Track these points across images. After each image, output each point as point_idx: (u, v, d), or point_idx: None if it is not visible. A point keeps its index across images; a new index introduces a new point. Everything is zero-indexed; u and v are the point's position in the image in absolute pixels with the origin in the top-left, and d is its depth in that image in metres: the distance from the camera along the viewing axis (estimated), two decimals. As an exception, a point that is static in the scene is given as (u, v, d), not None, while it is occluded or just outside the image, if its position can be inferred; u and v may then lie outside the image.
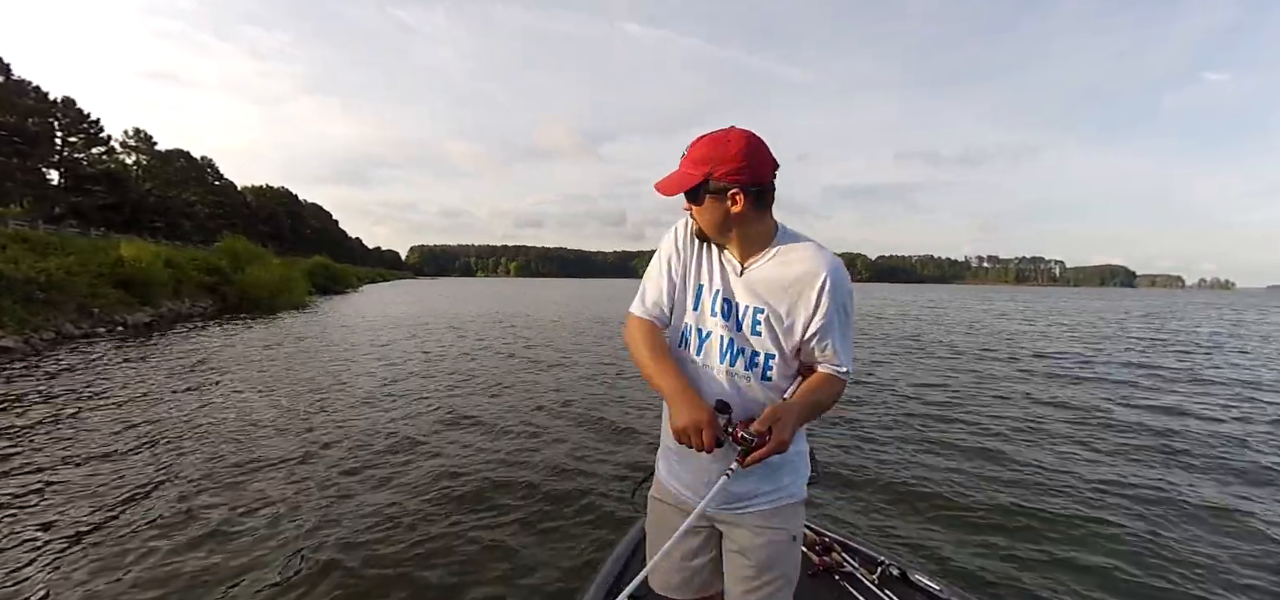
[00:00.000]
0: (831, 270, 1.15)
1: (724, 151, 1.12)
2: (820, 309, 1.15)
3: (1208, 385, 8.29)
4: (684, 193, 1.18)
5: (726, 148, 1.12)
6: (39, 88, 36.03)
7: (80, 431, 5.03)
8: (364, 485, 3.97)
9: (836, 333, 1.17)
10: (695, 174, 1.15)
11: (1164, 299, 68.95)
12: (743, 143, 1.12)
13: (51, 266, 13.24)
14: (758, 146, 1.13)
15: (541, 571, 2.91)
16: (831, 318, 1.16)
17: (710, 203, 1.16)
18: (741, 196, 1.12)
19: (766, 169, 1.15)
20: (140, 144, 49.76)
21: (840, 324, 1.17)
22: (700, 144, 1.15)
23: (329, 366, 8.89)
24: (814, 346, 1.19)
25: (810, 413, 1.19)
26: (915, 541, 3.26)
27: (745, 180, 1.12)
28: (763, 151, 1.14)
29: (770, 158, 1.15)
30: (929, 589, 1.79)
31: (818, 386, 1.20)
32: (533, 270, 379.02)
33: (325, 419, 5.66)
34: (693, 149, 1.17)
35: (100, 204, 34.69)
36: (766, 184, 1.15)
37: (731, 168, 1.11)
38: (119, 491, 3.75)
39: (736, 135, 1.13)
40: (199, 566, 2.89)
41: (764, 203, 1.17)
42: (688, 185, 1.16)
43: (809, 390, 1.20)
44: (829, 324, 1.16)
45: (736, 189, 1.12)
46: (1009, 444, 5.14)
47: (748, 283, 1.21)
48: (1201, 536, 3.39)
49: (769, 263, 1.19)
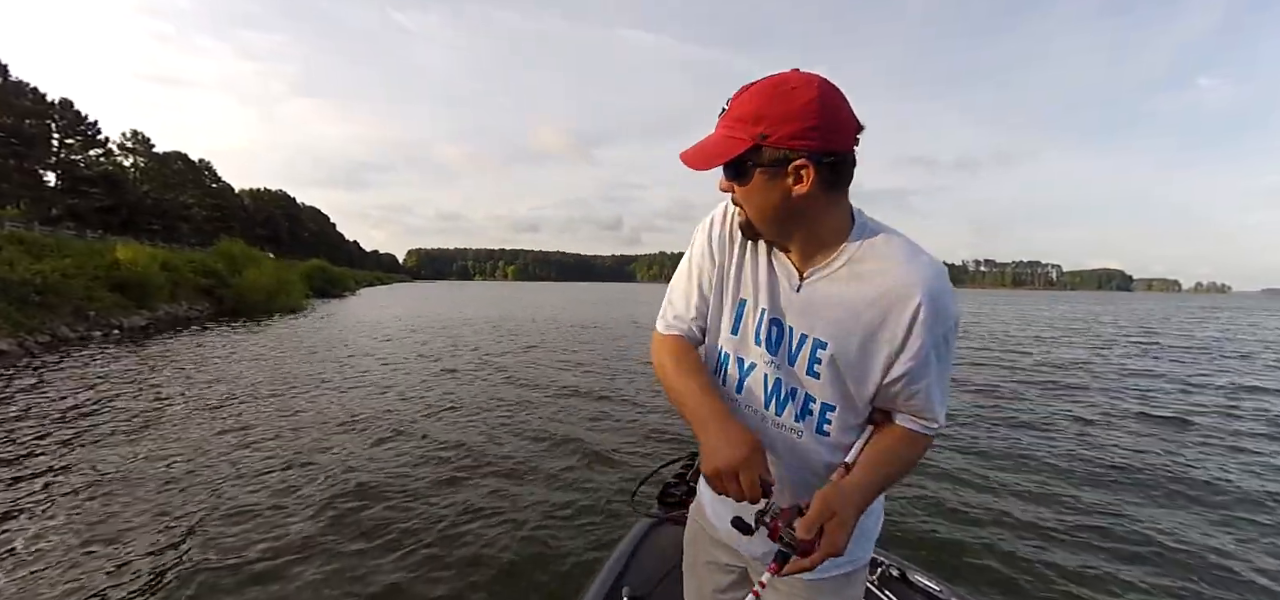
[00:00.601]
0: (930, 287, 0.80)
1: (786, 105, 0.76)
2: (911, 344, 0.81)
3: (1218, 391, 8.30)
4: (723, 167, 0.83)
5: (789, 99, 0.76)
6: (36, 89, 35.92)
7: (72, 436, 4.98)
8: (364, 486, 3.93)
9: (933, 375, 0.84)
10: (741, 138, 0.79)
11: (1176, 302, 69.01)
12: (813, 91, 0.76)
13: (47, 269, 13.17)
14: (834, 97, 0.78)
15: (542, 572, 2.91)
16: (927, 356, 0.82)
17: (762, 181, 0.81)
18: (811, 170, 0.77)
19: (847, 131, 0.79)
20: (138, 146, 49.60)
21: (937, 363, 0.84)
22: (748, 95, 0.80)
23: (326, 370, 8.83)
24: (896, 393, 0.86)
25: (879, 490, 0.88)
26: (915, 542, 3.25)
27: (816, 145, 0.76)
28: (842, 105, 0.78)
29: (852, 115, 0.79)
30: (929, 589, 1.75)
31: (894, 451, 0.89)
32: (530, 274, 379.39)
33: (322, 421, 5.61)
34: (737, 102, 0.81)
35: (97, 206, 34.59)
36: (845, 154, 0.80)
37: (797, 128, 0.76)
38: (109, 497, 3.70)
39: (802, 80, 0.78)
40: (186, 571, 2.84)
41: (841, 182, 0.82)
42: (731, 155, 0.80)
43: (881, 457, 0.88)
44: (923, 364, 0.83)
45: (803, 158, 0.77)
46: (1010, 444, 5.10)
47: (807, 301, 0.88)
48: (1204, 537, 3.36)
49: (838, 272, 0.85)
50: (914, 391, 0.85)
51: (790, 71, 0.80)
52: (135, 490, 3.81)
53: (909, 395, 0.86)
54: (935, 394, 0.86)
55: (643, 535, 1.91)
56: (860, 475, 0.86)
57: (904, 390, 0.85)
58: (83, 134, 39.16)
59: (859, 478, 0.85)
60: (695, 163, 0.83)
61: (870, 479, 0.86)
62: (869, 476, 0.86)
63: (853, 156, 0.81)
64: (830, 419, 0.90)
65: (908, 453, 0.89)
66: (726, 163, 0.82)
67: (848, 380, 0.87)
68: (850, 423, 0.91)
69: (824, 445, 0.92)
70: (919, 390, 0.85)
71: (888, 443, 0.89)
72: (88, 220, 31.62)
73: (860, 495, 0.83)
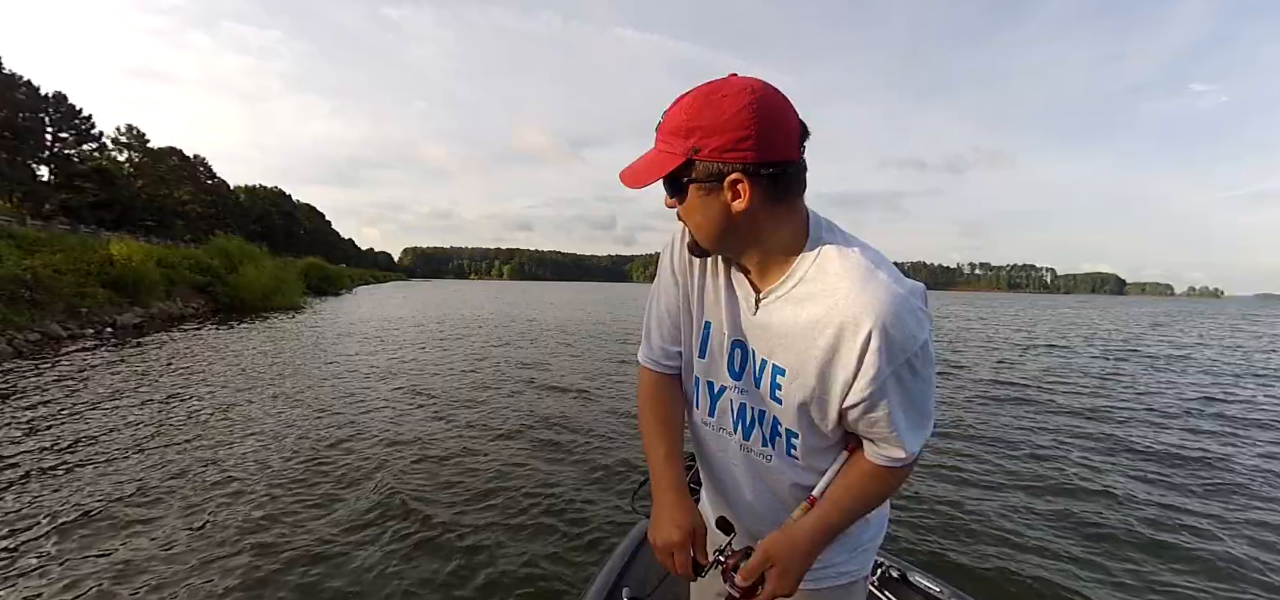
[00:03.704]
0: (883, 314, 0.71)
1: (717, 114, 0.72)
2: (864, 373, 0.73)
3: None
4: (664, 184, 0.79)
5: (720, 108, 0.72)
6: (30, 82, 35.46)
7: (60, 439, 4.75)
8: (364, 488, 3.89)
9: (896, 404, 0.75)
10: (673, 153, 0.75)
11: (1169, 306, 69.46)
12: (746, 97, 0.71)
13: (38, 265, 12.86)
14: (769, 101, 0.72)
15: (541, 573, 2.91)
16: (883, 385, 0.73)
17: (698, 198, 0.76)
18: (747, 184, 0.72)
19: (787, 140, 0.73)
20: (132, 141, 49.09)
21: (900, 392, 0.75)
22: (680, 105, 0.75)
23: (327, 370, 8.61)
24: (857, 421, 0.79)
25: (839, 530, 0.83)
26: (915, 542, 3.23)
27: (751, 157, 0.71)
28: (780, 110, 0.72)
29: (792, 119, 0.74)
30: (929, 590, 1.75)
31: (860, 488, 0.83)
32: (526, 273, 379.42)
33: (321, 421, 5.41)
34: (670, 113, 0.76)
35: (91, 201, 34.18)
36: (788, 162, 0.73)
37: (729, 139, 0.71)
38: (98, 502, 3.49)
39: (737, 86, 0.72)
40: (180, 576, 2.73)
41: (786, 193, 0.75)
42: (663, 172, 0.76)
43: (845, 495, 0.83)
44: (880, 393, 0.74)
45: (738, 172, 0.72)
46: (1011, 444, 5.07)
47: (764, 323, 0.81)
48: (1206, 538, 3.34)
49: (793, 292, 0.78)
50: (875, 420, 0.77)
51: (727, 77, 0.75)
52: (123, 495, 3.59)
53: (871, 424, 0.78)
54: (902, 423, 0.77)
55: (642, 537, 1.91)
56: (816, 516, 0.83)
57: (864, 418, 0.78)
58: (77, 128, 38.70)
59: (814, 520, 0.83)
60: (630, 181, 0.79)
61: (829, 519, 0.83)
62: (828, 517, 0.83)
63: (797, 166, 0.75)
64: (795, 445, 0.85)
65: (873, 489, 0.83)
66: (664, 180, 0.78)
67: (810, 407, 0.81)
68: (818, 447, 0.86)
69: (794, 470, 0.88)
70: (880, 419, 0.77)
71: (853, 477, 0.84)
72: (81, 216, 31.20)
73: (809, 541, 0.81)
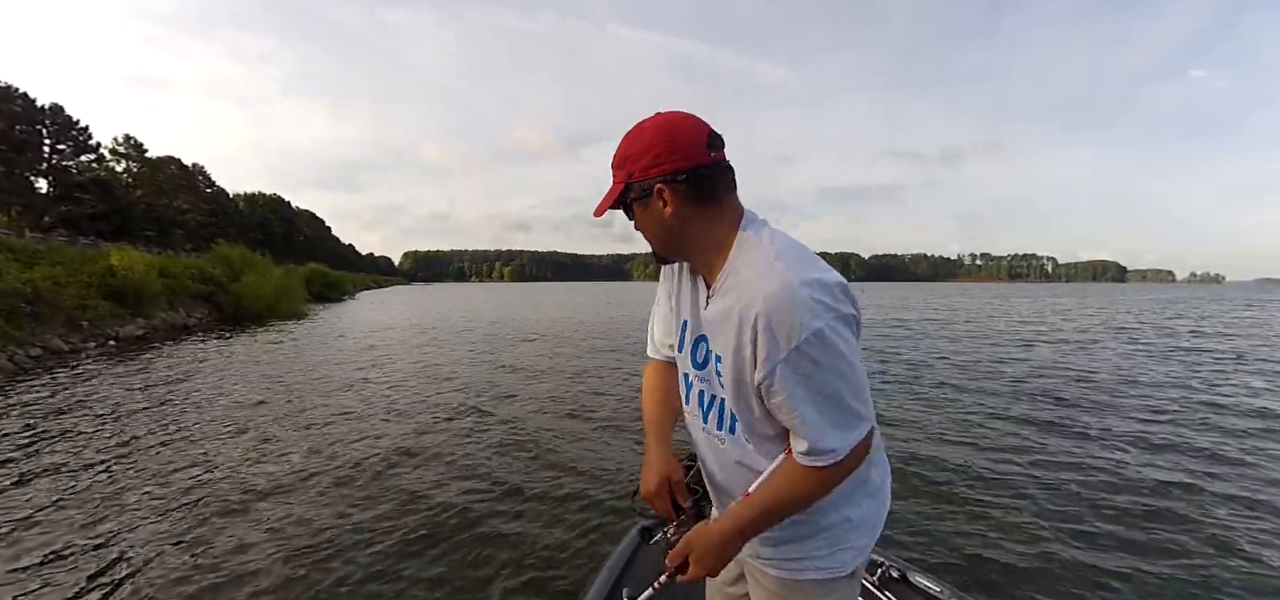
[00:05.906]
0: (770, 298, 0.77)
1: (637, 142, 0.88)
2: (759, 356, 0.81)
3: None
4: (622, 208, 0.94)
5: (639, 137, 0.88)
6: (26, 94, 35.21)
7: (62, 456, 4.47)
8: (363, 489, 3.94)
9: (800, 395, 0.79)
10: (619, 181, 0.91)
11: (1172, 293, 69.16)
12: (653, 122, 0.87)
13: (38, 277, 12.57)
14: (673, 121, 0.87)
15: (542, 573, 2.91)
16: (775, 370, 0.79)
17: (640, 213, 0.91)
18: (668, 192, 0.86)
19: (690, 147, 0.85)
20: (130, 151, 48.78)
21: (801, 382, 0.78)
22: (620, 143, 0.91)
23: (337, 379, 8.33)
24: (774, 411, 0.85)
25: (760, 526, 0.90)
26: (915, 542, 3.20)
27: (666, 168, 0.85)
28: (685, 126, 0.86)
29: (700, 131, 0.86)
30: (929, 590, 1.75)
31: (782, 487, 0.88)
32: (527, 274, 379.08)
33: (331, 431, 5.17)
34: (616, 152, 0.92)
35: (90, 212, 33.93)
36: (700, 166, 0.86)
37: (648, 159, 0.86)
38: (102, 521, 3.24)
39: (650, 119, 0.89)
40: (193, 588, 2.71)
41: (706, 195, 0.88)
42: (613, 198, 0.92)
43: (768, 492, 0.89)
44: (771, 376, 0.80)
45: (660, 183, 0.86)
46: (1011, 443, 4.95)
47: (711, 316, 0.92)
48: (1209, 539, 3.25)
49: (725, 284, 0.89)
50: (779, 408, 0.83)
51: (651, 115, 0.90)
52: (130, 512, 3.32)
53: (777, 410, 0.84)
54: (810, 418, 0.80)
55: (641, 537, 1.93)
56: (734, 512, 0.91)
57: (772, 405, 0.84)
58: (74, 139, 38.45)
59: (731, 515, 0.91)
60: (597, 211, 0.95)
61: (749, 515, 0.89)
62: (743, 514, 0.90)
63: (711, 168, 0.86)
64: (738, 426, 0.93)
65: (793, 490, 0.87)
66: (617, 206, 0.94)
67: (740, 390, 0.89)
68: (764, 433, 0.91)
69: (746, 454, 0.94)
70: (781, 406, 0.82)
71: (779, 475, 0.89)
72: (81, 227, 30.95)
73: (721, 536, 0.90)
